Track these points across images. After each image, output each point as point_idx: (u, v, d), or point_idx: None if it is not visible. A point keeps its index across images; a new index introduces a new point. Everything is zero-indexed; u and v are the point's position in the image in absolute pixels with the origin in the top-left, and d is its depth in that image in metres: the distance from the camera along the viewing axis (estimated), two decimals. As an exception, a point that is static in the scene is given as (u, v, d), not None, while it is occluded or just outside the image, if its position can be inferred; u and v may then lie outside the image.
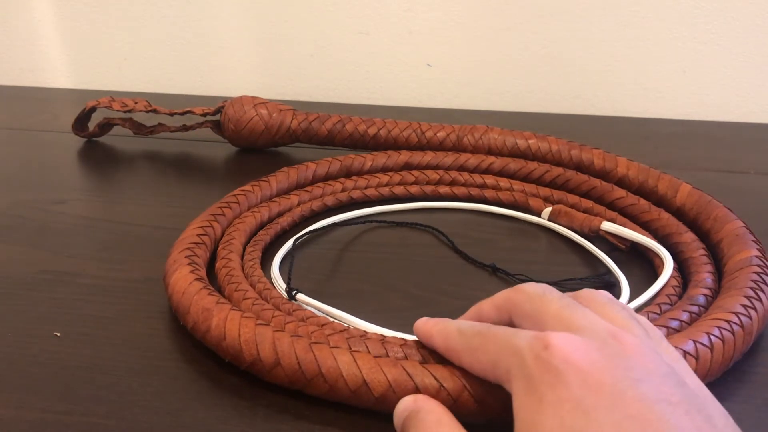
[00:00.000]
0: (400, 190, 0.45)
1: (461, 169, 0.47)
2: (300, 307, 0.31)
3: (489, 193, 0.45)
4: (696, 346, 0.27)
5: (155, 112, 0.54)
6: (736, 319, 0.29)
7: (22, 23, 0.74)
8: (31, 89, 0.75)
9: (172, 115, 0.54)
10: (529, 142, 0.47)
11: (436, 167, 0.47)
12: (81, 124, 0.56)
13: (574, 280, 0.35)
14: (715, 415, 0.20)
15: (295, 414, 0.27)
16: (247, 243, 0.38)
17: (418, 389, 0.25)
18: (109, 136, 0.58)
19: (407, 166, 0.47)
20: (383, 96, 0.71)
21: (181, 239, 0.36)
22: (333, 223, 0.42)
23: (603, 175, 0.44)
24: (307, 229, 0.40)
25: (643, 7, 0.63)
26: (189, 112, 0.53)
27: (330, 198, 0.44)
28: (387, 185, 0.46)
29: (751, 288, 0.31)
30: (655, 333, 0.24)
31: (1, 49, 0.76)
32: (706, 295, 0.32)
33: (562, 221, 0.41)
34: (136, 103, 0.53)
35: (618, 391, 0.19)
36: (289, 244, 0.39)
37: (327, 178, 0.46)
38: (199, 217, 0.38)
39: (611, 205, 0.42)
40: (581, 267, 0.38)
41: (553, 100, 0.68)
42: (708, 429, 0.19)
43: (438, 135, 0.49)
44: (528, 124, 0.53)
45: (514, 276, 0.36)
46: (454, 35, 0.67)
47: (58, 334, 0.31)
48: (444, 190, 0.45)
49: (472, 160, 0.47)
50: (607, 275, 0.36)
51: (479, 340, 0.24)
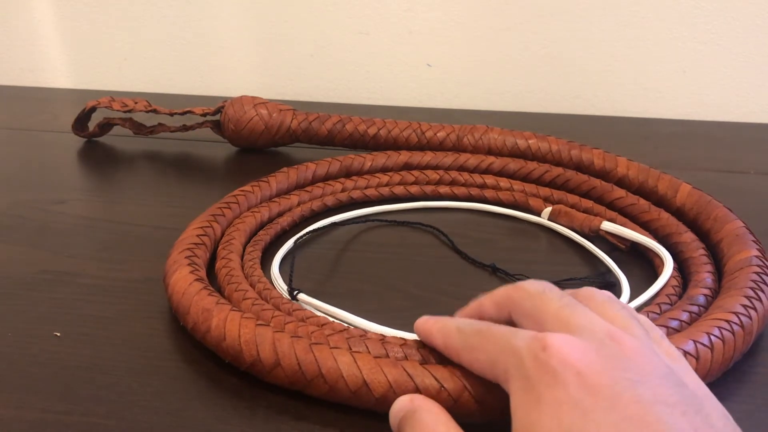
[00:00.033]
0: (400, 190, 0.45)
1: (461, 169, 0.47)
2: (300, 307, 0.31)
3: (489, 193, 0.45)
4: (696, 346, 0.27)
5: (155, 112, 0.54)
6: (736, 319, 0.29)
7: (22, 23, 0.74)
8: (31, 89, 0.75)
9: (172, 115, 0.54)
10: (529, 142, 0.47)
11: (436, 167, 0.47)
12: (81, 124, 0.56)
13: (574, 280, 0.36)
14: (714, 415, 0.20)
15: (295, 414, 0.27)
16: (247, 243, 0.38)
17: (418, 390, 0.25)
18: (109, 136, 0.58)
19: (407, 167, 0.47)
20: (383, 96, 0.71)
21: (180, 240, 0.36)
22: (333, 222, 0.42)
23: (603, 175, 0.44)
24: (308, 229, 0.40)
25: (643, 7, 0.63)
26: (189, 112, 0.53)
27: (330, 198, 0.44)
28: (387, 185, 0.46)
29: (751, 288, 0.31)
30: (656, 332, 0.24)
31: (1, 49, 0.76)
32: (706, 295, 0.32)
33: (562, 221, 0.41)
34: (136, 103, 0.53)
35: (616, 393, 0.19)
36: (290, 244, 0.39)
37: (327, 178, 0.46)
38: (199, 217, 0.38)
39: (611, 205, 0.42)
40: (581, 267, 0.38)
41: (553, 100, 0.68)
42: (706, 430, 0.19)
43: (438, 135, 0.49)
44: (528, 124, 0.53)
45: (514, 276, 0.36)
46: (454, 35, 0.67)
47: (58, 334, 0.31)
48: (444, 190, 0.45)
49: (471, 160, 0.47)
50: (607, 275, 0.36)
51: (478, 339, 0.24)
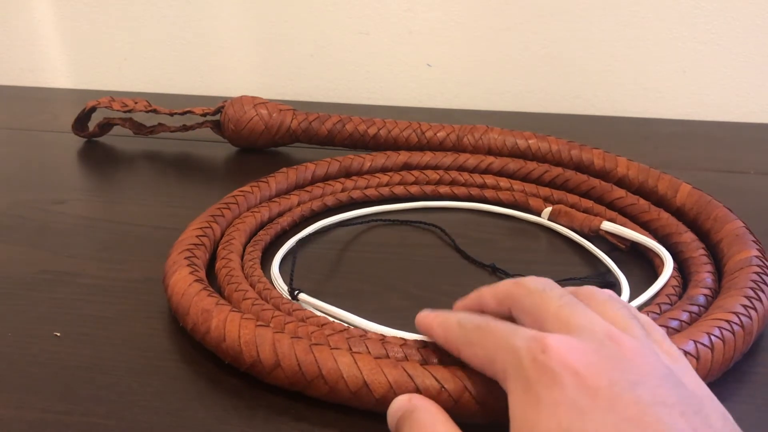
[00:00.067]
0: (400, 189, 0.45)
1: (461, 169, 0.47)
2: (300, 307, 0.31)
3: (489, 192, 0.45)
4: (696, 346, 0.27)
5: (155, 112, 0.54)
6: (737, 319, 0.29)
7: (22, 23, 0.74)
8: (31, 89, 0.75)
9: (172, 115, 0.54)
10: (529, 142, 0.47)
11: (435, 167, 0.47)
12: (81, 124, 0.56)
13: (574, 280, 0.36)
14: (714, 415, 0.20)
15: (295, 415, 0.27)
16: (247, 243, 0.38)
17: (419, 390, 0.25)
18: (109, 136, 0.58)
19: (407, 167, 0.47)
20: (383, 96, 0.71)
21: (180, 240, 0.36)
22: (333, 223, 0.42)
23: (603, 175, 0.44)
24: (308, 229, 0.40)
25: (643, 7, 0.63)
26: (189, 112, 0.53)
27: (330, 198, 0.44)
28: (387, 185, 0.46)
29: (751, 288, 0.31)
30: (657, 332, 0.24)
31: (1, 49, 0.76)
32: (706, 295, 0.32)
33: (562, 221, 0.41)
34: (136, 103, 0.53)
35: (614, 394, 0.19)
36: (290, 244, 0.39)
37: (326, 178, 0.46)
38: (198, 218, 0.38)
39: (611, 205, 0.42)
40: (581, 267, 0.38)
41: (553, 100, 0.68)
42: (705, 430, 0.19)
43: (438, 135, 0.49)
44: (528, 124, 0.53)
45: (513, 276, 0.36)
46: (454, 35, 0.67)
47: (58, 334, 0.31)
48: (444, 190, 0.45)
49: (471, 160, 0.47)
50: (607, 275, 0.36)
51: (478, 334, 0.24)
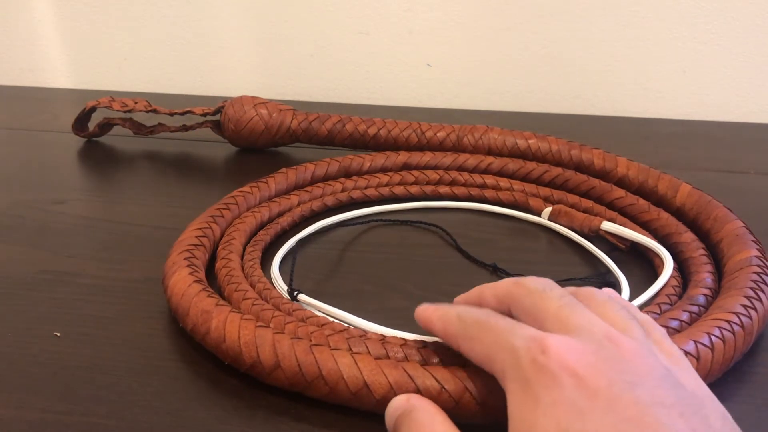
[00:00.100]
0: (400, 190, 0.45)
1: (461, 169, 0.47)
2: (300, 307, 0.31)
3: (489, 193, 0.45)
4: (696, 346, 0.27)
5: (155, 112, 0.54)
6: (737, 319, 0.29)
7: (22, 23, 0.74)
8: (31, 89, 0.75)
9: (172, 115, 0.54)
10: (529, 142, 0.47)
11: (435, 167, 0.47)
12: (81, 124, 0.56)
13: (574, 280, 0.36)
14: (713, 416, 0.20)
15: (295, 416, 0.27)
16: (247, 243, 0.38)
17: (419, 391, 0.25)
18: (109, 136, 0.58)
19: (407, 167, 0.47)
20: (383, 96, 0.71)
21: (179, 241, 0.36)
22: (333, 223, 0.42)
23: (603, 175, 0.44)
24: (308, 229, 0.40)
25: (643, 7, 0.63)
26: (189, 112, 0.53)
27: (330, 198, 0.44)
28: (387, 185, 0.46)
29: (751, 288, 0.31)
30: (657, 332, 0.24)
31: (1, 49, 0.76)
32: (706, 295, 0.32)
33: (562, 221, 0.41)
34: (136, 103, 0.53)
35: (613, 394, 0.19)
36: (290, 244, 0.39)
37: (326, 179, 0.46)
38: (198, 218, 0.38)
39: (611, 205, 0.42)
40: (581, 267, 0.38)
41: (553, 100, 0.68)
42: (704, 430, 0.19)
43: (438, 135, 0.49)
44: (528, 124, 0.53)
45: (514, 276, 0.36)
46: (454, 35, 0.67)
47: (58, 334, 0.31)
48: (444, 190, 0.45)
49: (471, 160, 0.47)
50: (607, 275, 0.36)
51: (477, 329, 0.24)
